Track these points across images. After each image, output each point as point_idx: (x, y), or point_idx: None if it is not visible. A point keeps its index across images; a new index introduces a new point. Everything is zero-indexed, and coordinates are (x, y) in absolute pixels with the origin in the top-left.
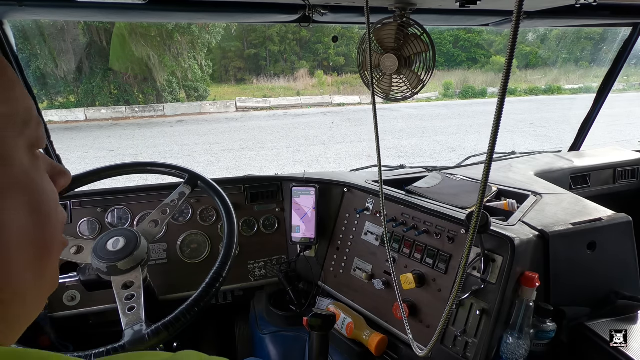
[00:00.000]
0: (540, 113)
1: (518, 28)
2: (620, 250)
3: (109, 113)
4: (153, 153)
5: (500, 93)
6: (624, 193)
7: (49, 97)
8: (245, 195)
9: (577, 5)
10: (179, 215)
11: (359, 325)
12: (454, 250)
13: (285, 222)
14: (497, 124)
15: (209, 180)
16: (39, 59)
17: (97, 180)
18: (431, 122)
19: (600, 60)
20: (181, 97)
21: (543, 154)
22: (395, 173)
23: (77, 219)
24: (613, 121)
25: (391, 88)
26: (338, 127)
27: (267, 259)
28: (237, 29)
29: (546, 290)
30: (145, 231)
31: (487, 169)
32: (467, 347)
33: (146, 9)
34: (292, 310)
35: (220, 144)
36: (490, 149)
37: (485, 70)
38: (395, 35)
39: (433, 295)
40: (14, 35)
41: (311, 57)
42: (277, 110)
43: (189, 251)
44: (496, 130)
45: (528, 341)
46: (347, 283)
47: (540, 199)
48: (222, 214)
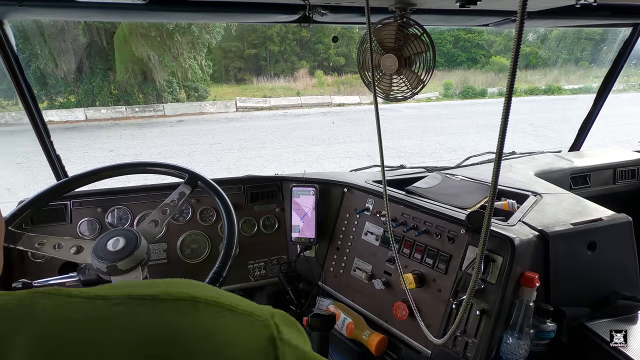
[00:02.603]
0: (540, 113)
1: (522, 28)
2: (620, 250)
3: (109, 113)
4: (153, 153)
5: (506, 95)
6: (624, 193)
7: (49, 97)
8: (245, 195)
9: (577, 6)
10: (179, 215)
11: (359, 325)
12: (454, 250)
13: (285, 222)
14: (504, 126)
15: (209, 180)
16: (39, 59)
17: (97, 180)
18: (431, 122)
19: (600, 60)
20: (181, 97)
21: (543, 154)
22: (395, 173)
23: (77, 219)
24: (613, 121)
25: (391, 88)
26: (338, 127)
27: (267, 259)
28: (237, 29)
29: (546, 290)
30: (145, 231)
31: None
32: (467, 347)
33: (146, 9)
34: (292, 310)
35: (220, 144)
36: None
37: (485, 70)
38: (396, 35)
39: (433, 295)
40: (14, 35)
41: (311, 57)
42: (277, 110)
43: (189, 251)
44: (503, 133)
45: (528, 341)
46: (347, 283)
47: (540, 199)
48: (222, 214)
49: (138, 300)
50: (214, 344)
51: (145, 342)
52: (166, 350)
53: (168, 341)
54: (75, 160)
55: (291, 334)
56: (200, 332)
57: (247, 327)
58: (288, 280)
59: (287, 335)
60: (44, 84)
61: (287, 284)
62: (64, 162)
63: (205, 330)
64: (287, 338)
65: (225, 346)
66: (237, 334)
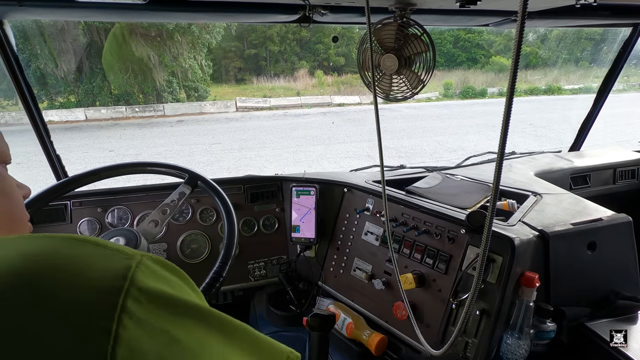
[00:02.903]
0: (540, 113)
1: (523, 28)
2: (620, 250)
3: (109, 113)
4: (153, 153)
5: (507, 95)
6: (624, 193)
7: (49, 97)
8: (245, 195)
9: (577, 6)
10: (179, 215)
11: (359, 325)
12: (454, 250)
13: (285, 222)
14: (505, 127)
15: (209, 180)
16: (39, 59)
17: (97, 180)
18: (431, 122)
19: (600, 60)
20: (181, 97)
21: (543, 154)
22: (395, 173)
23: (77, 219)
24: (613, 121)
25: (391, 88)
26: (338, 127)
27: (267, 259)
28: (237, 29)
29: (546, 290)
30: (145, 231)
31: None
32: (467, 347)
33: (146, 9)
34: (292, 310)
35: (220, 144)
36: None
37: (485, 70)
38: (396, 35)
39: (433, 295)
40: (14, 35)
41: (311, 57)
42: (277, 110)
43: (189, 251)
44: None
45: (528, 341)
46: (347, 283)
47: (540, 199)
48: (222, 214)
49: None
50: (73, 264)
51: (18, 258)
52: (35, 266)
53: (37, 257)
54: (75, 160)
55: (157, 275)
56: (66, 253)
57: (109, 257)
58: (288, 280)
59: (148, 275)
60: (44, 84)
61: (287, 284)
62: (64, 162)
63: (71, 254)
64: (143, 278)
65: (83, 267)
66: (97, 262)
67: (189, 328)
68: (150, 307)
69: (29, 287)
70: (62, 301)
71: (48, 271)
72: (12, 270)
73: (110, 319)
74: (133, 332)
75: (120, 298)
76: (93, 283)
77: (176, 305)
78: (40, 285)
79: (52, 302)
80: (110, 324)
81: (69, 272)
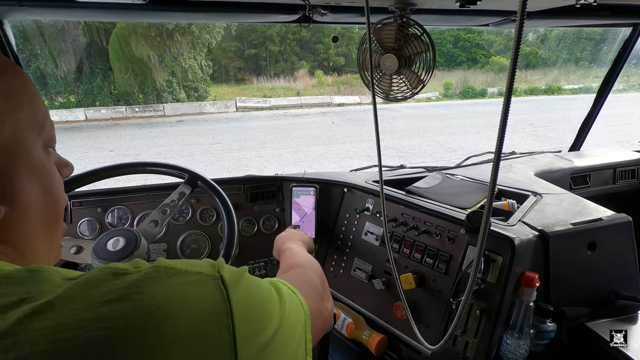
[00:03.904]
0: (540, 113)
1: (522, 28)
2: (620, 250)
3: (109, 113)
4: (153, 153)
5: (505, 95)
6: (624, 193)
7: (49, 97)
8: (245, 195)
9: (577, 6)
10: (179, 215)
11: (359, 325)
12: (454, 250)
13: (285, 222)
14: (502, 127)
15: (209, 180)
16: (39, 59)
17: (97, 180)
18: (431, 122)
19: (600, 60)
20: (181, 97)
21: (543, 154)
22: (395, 173)
23: (77, 219)
24: (613, 121)
25: (391, 88)
26: (338, 127)
27: (267, 259)
28: (237, 29)
29: (546, 290)
30: (145, 231)
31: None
32: (467, 347)
33: (146, 9)
34: None
35: (220, 144)
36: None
37: (485, 70)
38: (395, 35)
39: (433, 295)
40: (14, 35)
41: (311, 57)
42: (277, 110)
43: (189, 251)
44: (502, 135)
45: (528, 341)
46: (347, 283)
47: (540, 199)
48: (222, 214)
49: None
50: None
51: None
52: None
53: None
54: (75, 160)
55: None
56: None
57: (199, 284)
58: None
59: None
60: (44, 84)
61: None
62: None
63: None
64: (228, 276)
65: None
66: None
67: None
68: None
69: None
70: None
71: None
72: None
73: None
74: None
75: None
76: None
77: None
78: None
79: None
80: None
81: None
